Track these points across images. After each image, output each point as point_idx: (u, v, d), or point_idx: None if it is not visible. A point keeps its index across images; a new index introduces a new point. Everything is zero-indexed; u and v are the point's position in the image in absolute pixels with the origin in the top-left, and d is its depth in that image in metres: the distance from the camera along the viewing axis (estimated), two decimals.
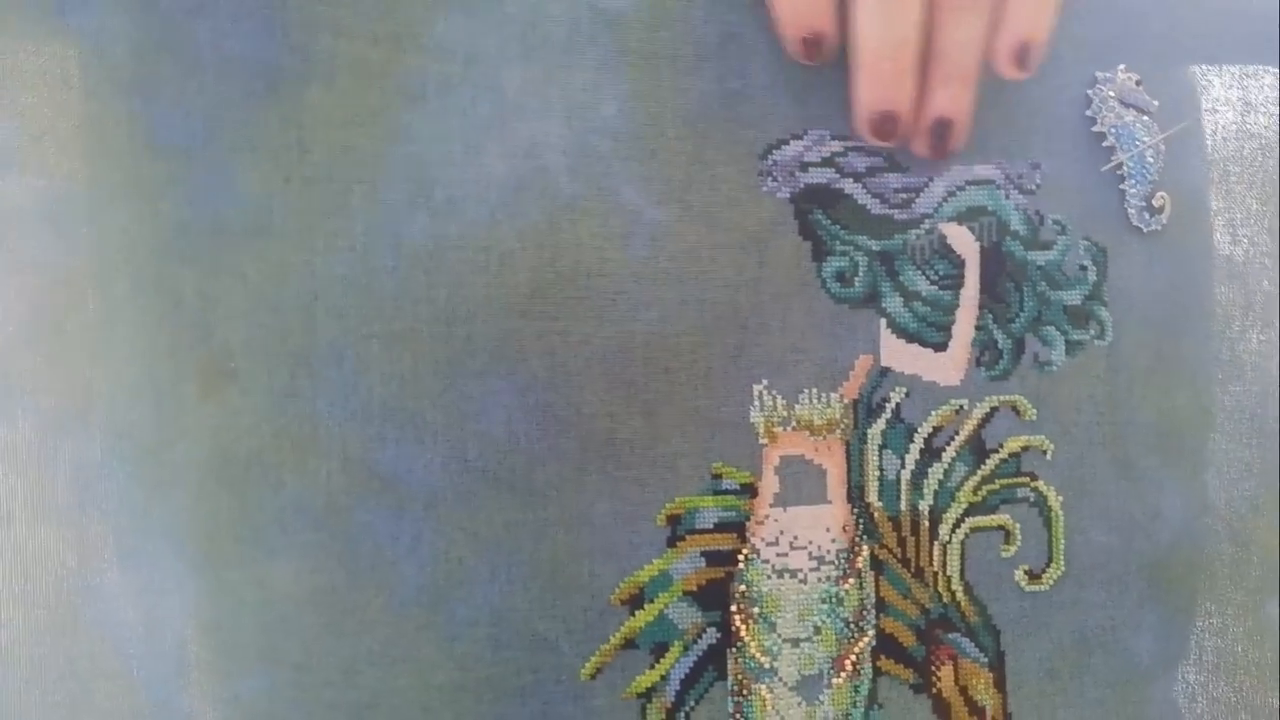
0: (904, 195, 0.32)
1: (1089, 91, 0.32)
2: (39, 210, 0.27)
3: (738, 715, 0.30)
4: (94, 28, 0.26)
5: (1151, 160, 0.33)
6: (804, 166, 0.31)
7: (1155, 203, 0.33)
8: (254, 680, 0.28)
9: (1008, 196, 0.32)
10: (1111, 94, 0.32)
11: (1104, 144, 0.32)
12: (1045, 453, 0.32)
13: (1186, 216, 0.33)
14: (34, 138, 0.27)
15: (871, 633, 0.31)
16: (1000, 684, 0.32)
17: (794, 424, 0.31)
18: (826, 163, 0.31)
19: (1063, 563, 0.32)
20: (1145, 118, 0.33)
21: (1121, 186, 0.33)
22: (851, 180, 0.31)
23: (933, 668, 0.32)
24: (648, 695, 0.30)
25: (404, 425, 0.28)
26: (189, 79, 0.27)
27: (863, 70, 0.29)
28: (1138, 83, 0.33)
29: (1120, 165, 0.32)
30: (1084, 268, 0.33)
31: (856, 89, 0.29)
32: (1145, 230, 0.33)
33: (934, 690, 0.32)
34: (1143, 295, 0.33)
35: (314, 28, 0.28)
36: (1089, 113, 0.32)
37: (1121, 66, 0.32)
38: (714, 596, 0.30)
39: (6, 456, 0.26)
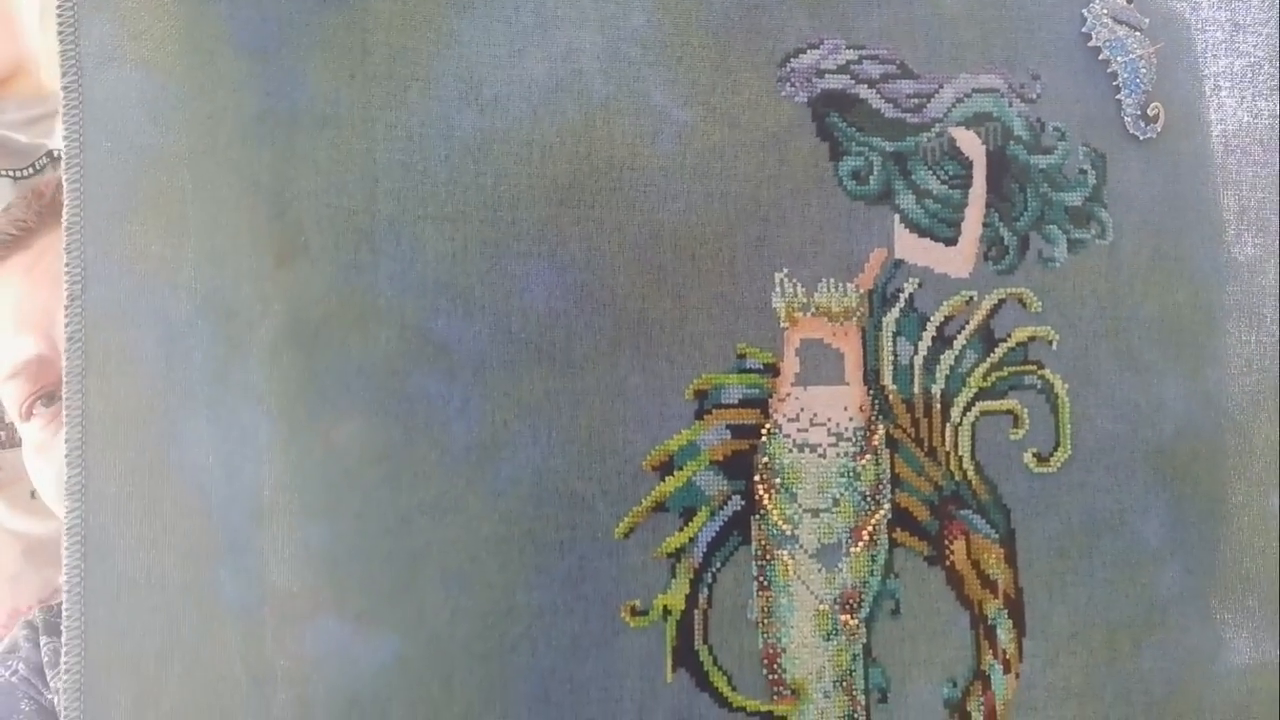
0: (915, 100, 0.34)
1: (1084, 10, 0.35)
2: (137, 98, 0.30)
3: (761, 578, 0.32)
4: None
5: (1145, 71, 0.35)
6: (820, 73, 0.34)
7: (1150, 111, 0.35)
8: (319, 528, 0.30)
9: (1010, 104, 0.35)
10: (1105, 11, 0.35)
11: (1099, 57, 0.35)
12: (1051, 343, 0.34)
13: (1181, 126, 0.36)
14: (133, 36, 0.30)
15: (887, 506, 0.33)
16: (1011, 560, 0.34)
17: (813, 310, 0.33)
18: (842, 70, 0.34)
19: (1070, 446, 0.34)
20: (1137, 33, 0.35)
21: (1118, 97, 0.35)
22: (866, 86, 0.34)
23: (946, 542, 0.33)
24: (677, 555, 0.32)
25: (455, 299, 0.31)
26: None
27: None
28: (1129, 1, 0.35)
29: (1116, 74, 0.35)
30: (1084, 171, 0.35)
31: None
32: (1141, 138, 0.35)
33: (948, 563, 0.33)
34: (1141, 199, 0.35)
35: None
36: (1084, 29, 0.35)
37: None
38: (739, 467, 0.33)
39: (104, 315, 0.30)
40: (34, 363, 0.44)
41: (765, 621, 0.32)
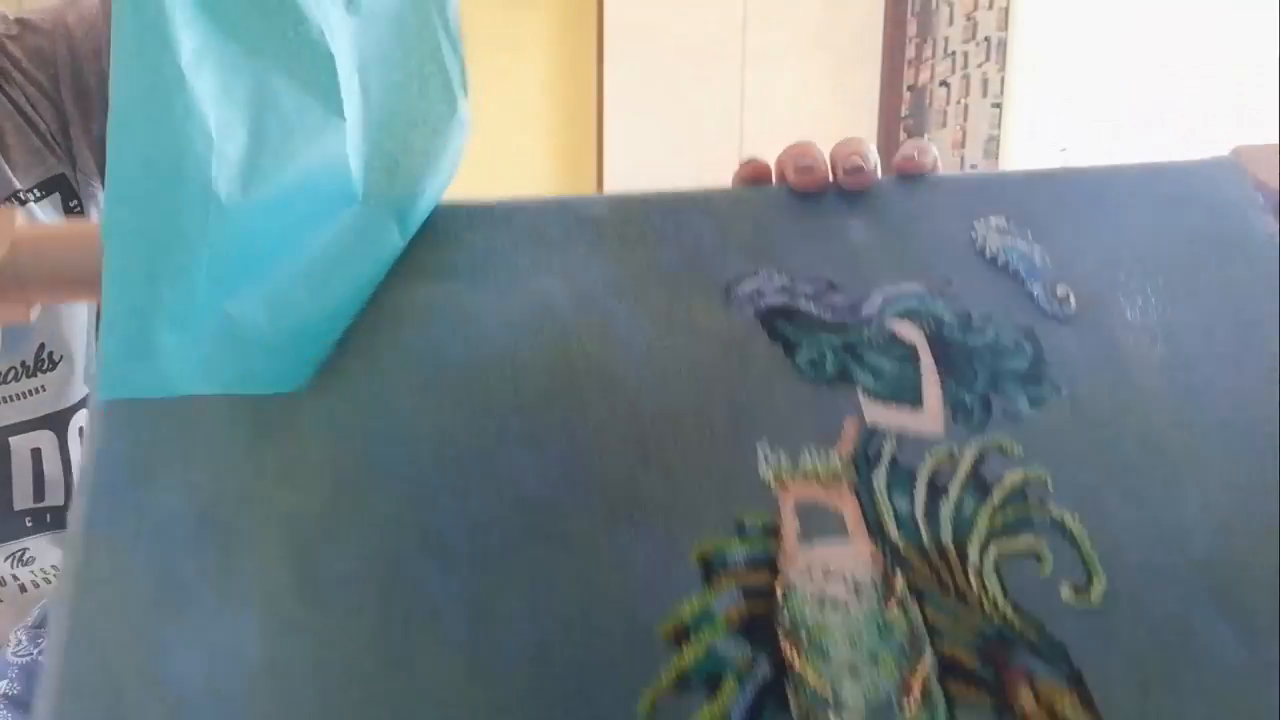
0: (849, 307, 0.38)
1: (971, 234, 0.41)
2: None
3: None
4: None
5: (1040, 262, 0.40)
6: (762, 294, 0.38)
7: (1059, 293, 0.40)
8: None
9: (935, 300, 0.39)
10: (989, 229, 0.41)
11: (998, 262, 0.40)
12: (1045, 483, 0.34)
13: (1094, 301, 0.40)
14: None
15: (930, 656, 0.30)
16: (1088, 703, 0.30)
17: (801, 475, 0.34)
18: (780, 291, 0.38)
19: (1104, 575, 0.32)
20: (1022, 240, 0.41)
21: (1026, 288, 0.40)
22: (804, 299, 0.38)
23: (1009, 690, 0.30)
24: None
25: (448, 491, 0.32)
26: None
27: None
28: (1007, 220, 0.42)
29: (1018, 271, 0.40)
30: (1019, 343, 0.38)
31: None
32: (1061, 316, 0.39)
33: (1017, 712, 0.29)
34: (1081, 360, 0.38)
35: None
36: (977, 245, 0.41)
37: (990, 216, 0.42)
38: (759, 630, 0.30)
39: (106, 551, 0.30)
40: None
41: None
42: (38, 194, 0.86)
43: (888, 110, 3.35)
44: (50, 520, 0.93)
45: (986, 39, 2.81)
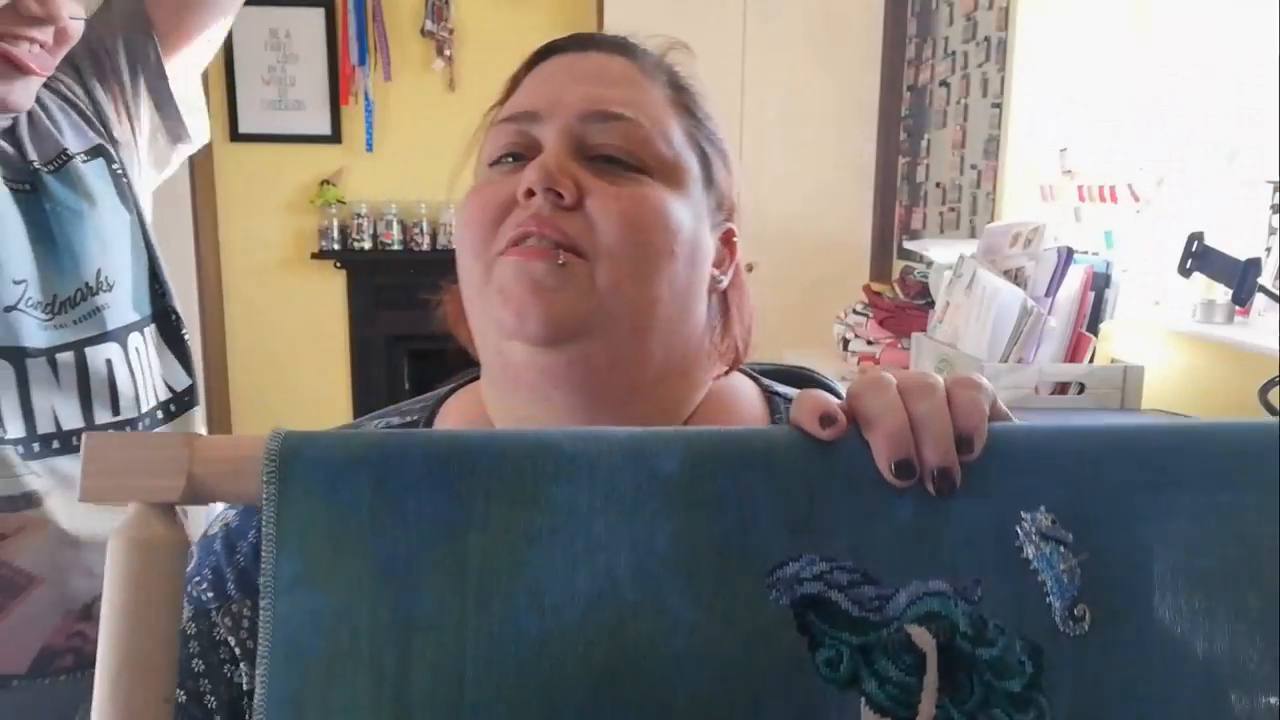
0: (876, 602, 0.44)
1: (1016, 527, 0.44)
2: (307, 611, 0.43)
3: None
4: (350, 499, 0.44)
5: (1068, 580, 0.44)
6: (800, 581, 0.44)
7: (1077, 612, 0.44)
8: None
9: (956, 605, 0.44)
10: (1033, 530, 0.44)
11: (1030, 568, 0.44)
12: None
13: (1107, 623, 0.44)
14: (308, 566, 0.44)
15: None
16: None
17: None
18: (817, 578, 0.44)
19: None
20: (1062, 548, 0.44)
21: (1047, 600, 0.44)
22: (837, 590, 0.44)
23: None
24: None
25: None
26: (399, 527, 0.44)
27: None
28: (1053, 521, 0.44)
29: (1045, 583, 0.44)
30: (1022, 662, 0.43)
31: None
32: (1071, 635, 0.43)
33: None
34: (1074, 686, 0.43)
35: (475, 494, 0.44)
36: (1017, 543, 0.44)
37: (1042, 508, 0.45)
38: None
39: None
40: None
41: None
42: (84, 157, 1.03)
43: (888, 110, 3.47)
44: None
45: (986, 39, 2.93)
